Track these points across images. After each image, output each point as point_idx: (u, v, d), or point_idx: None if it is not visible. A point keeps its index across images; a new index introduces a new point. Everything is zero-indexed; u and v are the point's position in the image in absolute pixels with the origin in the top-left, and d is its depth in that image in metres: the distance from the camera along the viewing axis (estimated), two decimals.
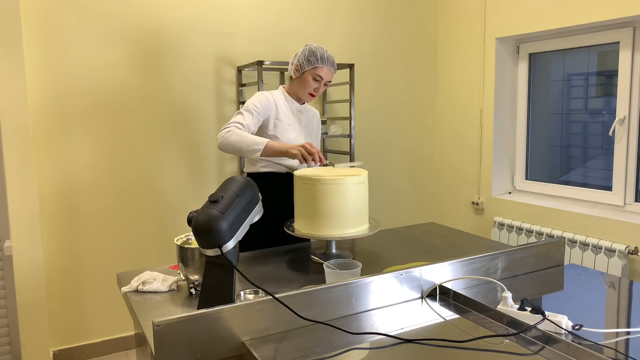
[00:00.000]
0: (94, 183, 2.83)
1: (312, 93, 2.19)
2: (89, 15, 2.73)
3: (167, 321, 1.14)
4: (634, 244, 2.63)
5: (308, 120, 2.31)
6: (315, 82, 2.16)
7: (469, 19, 3.54)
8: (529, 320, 1.23)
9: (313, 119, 2.35)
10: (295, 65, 2.18)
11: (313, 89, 2.18)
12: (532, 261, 1.72)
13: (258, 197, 1.53)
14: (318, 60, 2.14)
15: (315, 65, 2.14)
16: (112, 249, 2.91)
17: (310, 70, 2.15)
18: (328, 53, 2.17)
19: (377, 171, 3.71)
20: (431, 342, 1.20)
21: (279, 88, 2.28)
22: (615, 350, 1.16)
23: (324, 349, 1.18)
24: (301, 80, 2.18)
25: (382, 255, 1.93)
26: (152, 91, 2.92)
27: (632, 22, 2.73)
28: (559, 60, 3.22)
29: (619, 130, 2.84)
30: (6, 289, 2.56)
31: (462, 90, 3.64)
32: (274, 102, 2.17)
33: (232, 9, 3.08)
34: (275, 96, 2.21)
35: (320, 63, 2.14)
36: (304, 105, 2.29)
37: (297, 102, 2.26)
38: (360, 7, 3.50)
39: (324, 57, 2.15)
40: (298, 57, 2.17)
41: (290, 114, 2.22)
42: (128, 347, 3.00)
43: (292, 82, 2.23)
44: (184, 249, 1.52)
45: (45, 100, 2.68)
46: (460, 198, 3.73)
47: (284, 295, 1.27)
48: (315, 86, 2.17)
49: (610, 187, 2.92)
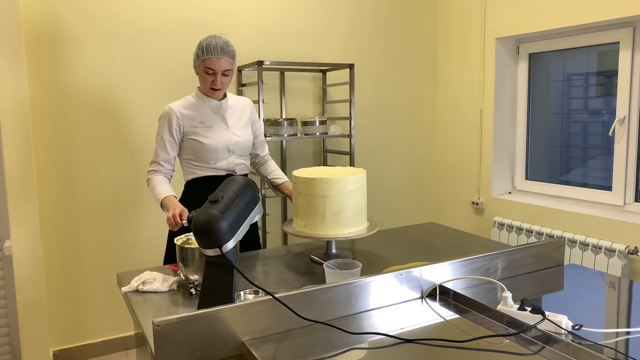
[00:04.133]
0: (94, 183, 2.83)
1: (212, 87, 2.02)
2: (89, 15, 2.73)
3: (167, 321, 1.14)
4: (634, 244, 2.63)
5: (238, 115, 2.16)
6: (209, 75, 2.00)
7: (468, 19, 3.54)
8: (529, 320, 1.23)
9: (244, 111, 2.18)
10: (193, 64, 2.06)
11: (210, 82, 2.01)
12: (532, 261, 1.72)
13: (258, 197, 1.53)
14: (204, 52, 1.97)
15: (202, 57, 1.98)
16: (112, 249, 2.91)
17: (201, 65, 2.00)
18: (216, 40, 1.98)
19: (377, 171, 3.71)
20: (431, 342, 1.20)
21: (195, 91, 2.13)
22: (615, 350, 1.16)
23: (324, 349, 1.18)
24: (200, 77, 2.04)
25: (382, 255, 1.93)
26: (152, 91, 2.92)
27: (632, 22, 2.73)
28: (559, 60, 3.22)
29: (619, 130, 2.84)
30: (6, 289, 2.56)
31: (462, 90, 3.64)
32: (174, 114, 2.03)
33: (232, 9, 3.08)
34: (182, 104, 2.06)
35: (207, 54, 1.97)
36: (227, 100, 2.13)
37: (215, 98, 2.10)
38: (360, 7, 3.50)
39: (210, 47, 1.96)
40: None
41: (209, 113, 2.08)
42: (128, 347, 3.00)
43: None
44: (184, 249, 1.52)
45: (45, 100, 2.68)
46: (460, 198, 3.73)
47: (284, 295, 1.27)
48: (211, 79, 2.00)
49: (610, 187, 2.92)
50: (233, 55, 2.03)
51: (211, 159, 2.07)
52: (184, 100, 2.09)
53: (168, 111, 2.04)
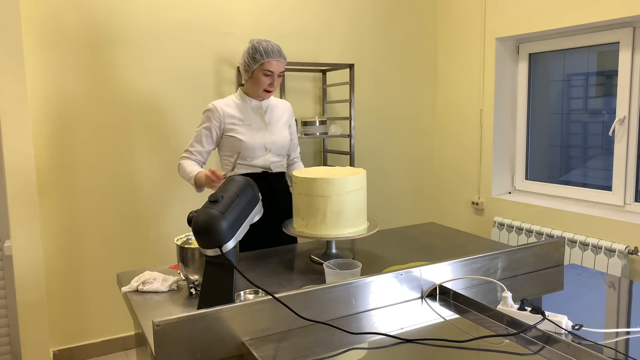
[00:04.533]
0: (94, 183, 2.83)
1: (267, 89, 2.15)
2: (89, 15, 2.73)
3: (167, 321, 1.14)
4: (633, 244, 2.63)
5: (277, 116, 2.26)
6: (267, 77, 2.11)
7: (468, 19, 3.54)
8: (529, 320, 1.23)
9: (283, 114, 2.29)
10: (244, 66, 2.14)
11: (267, 85, 2.13)
12: (532, 261, 1.72)
13: (258, 197, 1.53)
14: (263, 55, 2.08)
15: (261, 61, 2.08)
16: (112, 249, 2.91)
17: (258, 68, 2.10)
18: (272, 44, 2.10)
19: (377, 171, 3.71)
20: (431, 342, 1.20)
21: (237, 91, 2.25)
22: (615, 350, 1.16)
23: (324, 349, 1.18)
24: (253, 80, 2.13)
25: (382, 255, 1.93)
26: (153, 91, 2.92)
27: (632, 22, 2.73)
28: (559, 60, 3.22)
29: (618, 130, 2.84)
30: (6, 289, 2.56)
31: (462, 90, 3.64)
32: (219, 110, 2.14)
33: (232, 9, 3.08)
34: (226, 102, 2.18)
35: (267, 57, 2.08)
36: (268, 101, 2.24)
37: (257, 99, 2.21)
38: (360, 7, 3.50)
39: (268, 51, 2.08)
40: (244, 57, 2.13)
41: (250, 112, 2.18)
42: (128, 347, 3.00)
43: (247, 83, 2.19)
44: (184, 249, 1.52)
45: (45, 100, 2.68)
46: (460, 198, 3.73)
47: (284, 295, 1.27)
48: (269, 82, 2.13)
49: (610, 187, 2.92)
50: (285, 57, 2.17)
51: (248, 156, 2.16)
52: (227, 99, 2.21)
53: (211, 107, 2.16)
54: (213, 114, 2.14)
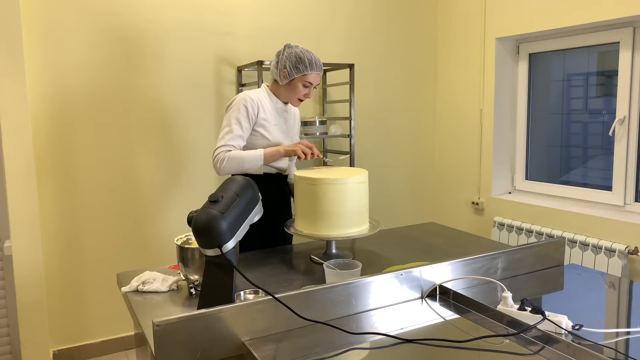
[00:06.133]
0: (94, 183, 2.83)
1: (301, 98, 2.14)
2: (89, 15, 2.73)
3: (167, 321, 1.14)
4: (634, 244, 2.63)
5: (293, 121, 2.26)
6: (305, 88, 2.10)
7: (468, 19, 3.54)
8: (529, 320, 1.23)
9: (296, 120, 2.30)
10: (283, 72, 2.07)
11: (303, 95, 2.12)
12: (532, 261, 1.72)
13: (258, 197, 1.53)
14: (307, 67, 2.05)
15: (304, 72, 2.06)
16: (112, 249, 2.91)
17: (299, 78, 2.07)
18: (315, 56, 2.09)
19: (377, 171, 3.71)
20: (431, 342, 1.20)
21: (262, 86, 2.20)
22: (615, 350, 1.16)
23: (324, 349, 1.18)
24: (290, 87, 2.10)
25: (382, 255, 1.93)
26: (153, 91, 2.92)
27: (632, 22, 2.73)
28: (559, 60, 3.22)
29: (619, 130, 2.84)
30: (6, 289, 2.56)
31: (462, 90, 3.64)
32: (258, 102, 2.08)
33: (232, 9, 3.08)
34: (260, 95, 2.12)
35: (310, 70, 2.06)
36: (287, 104, 2.23)
37: (283, 102, 2.19)
38: (360, 7, 3.50)
39: (312, 63, 2.06)
40: (284, 62, 2.07)
41: (275, 113, 2.15)
42: (128, 347, 3.00)
43: (279, 86, 2.14)
44: (184, 249, 1.52)
45: (45, 100, 2.68)
46: (460, 198, 3.73)
47: (284, 295, 1.27)
48: (306, 92, 2.12)
49: (610, 187, 2.92)
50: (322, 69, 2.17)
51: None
52: (259, 93, 2.13)
53: (244, 97, 2.06)
54: (248, 103, 2.05)
